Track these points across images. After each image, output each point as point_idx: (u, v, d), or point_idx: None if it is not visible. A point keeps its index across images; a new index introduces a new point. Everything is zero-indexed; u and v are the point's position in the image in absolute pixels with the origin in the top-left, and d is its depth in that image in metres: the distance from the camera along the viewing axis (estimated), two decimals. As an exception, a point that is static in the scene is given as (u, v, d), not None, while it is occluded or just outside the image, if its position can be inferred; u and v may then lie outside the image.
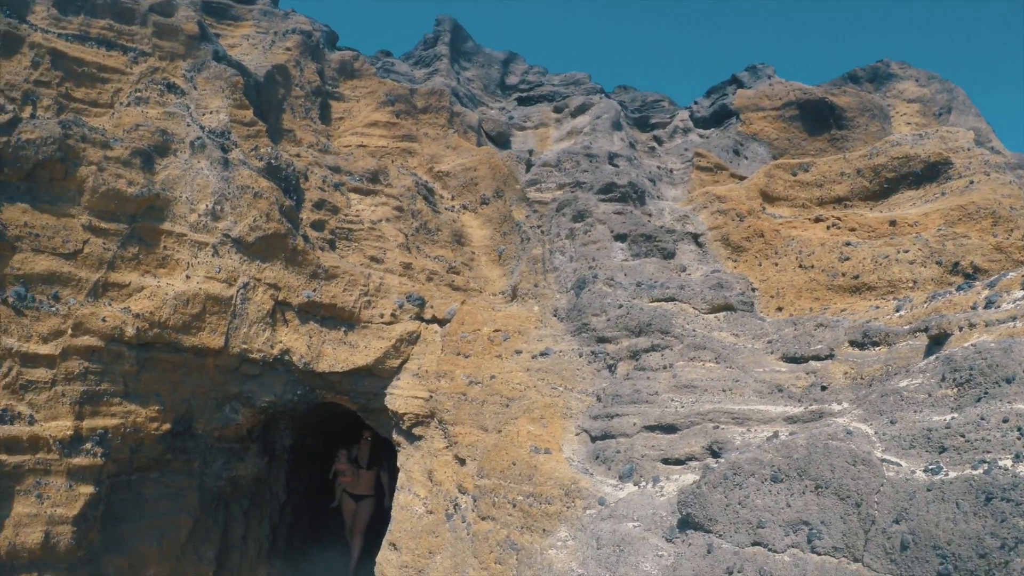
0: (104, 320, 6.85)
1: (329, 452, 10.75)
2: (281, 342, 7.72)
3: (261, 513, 9.31)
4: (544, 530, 4.90)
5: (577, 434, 5.74)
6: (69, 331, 6.73)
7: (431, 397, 7.35)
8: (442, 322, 8.13)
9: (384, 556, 7.38)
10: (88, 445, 6.72)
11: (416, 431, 7.66)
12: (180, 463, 7.66)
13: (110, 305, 7.01)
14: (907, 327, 4.96)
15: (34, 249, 6.76)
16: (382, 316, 8.07)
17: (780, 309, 7.08)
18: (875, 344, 5.20)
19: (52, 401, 6.60)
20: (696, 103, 12.62)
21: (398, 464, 7.98)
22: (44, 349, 6.63)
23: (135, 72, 8.25)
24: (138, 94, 8.10)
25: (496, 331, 7.22)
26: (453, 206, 10.03)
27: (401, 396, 7.76)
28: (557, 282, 7.57)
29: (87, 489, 6.67)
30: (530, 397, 6.20)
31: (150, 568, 7.38)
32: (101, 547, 6.95)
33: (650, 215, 8.67)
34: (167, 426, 7.35)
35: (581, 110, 12.00)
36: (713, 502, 3.64)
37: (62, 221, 6.98)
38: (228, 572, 8.53)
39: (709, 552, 3.56)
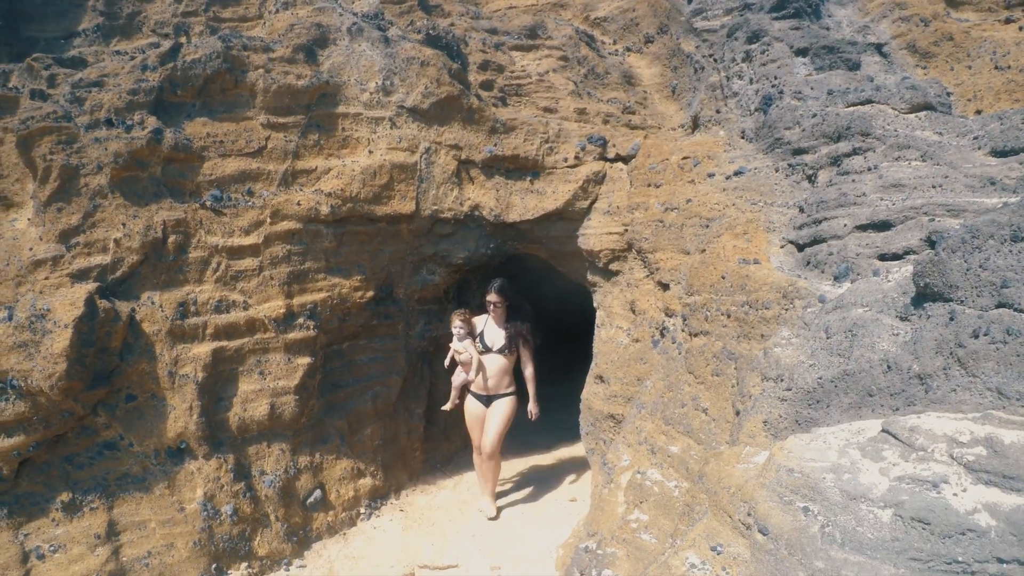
0: (299, 204, 7.29)
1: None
2: (470, 198, 7.99)
3: (461, 370, 9.85)
4: (763, 335, 4.97)
5: (782, 246, 5.72)
6: (268, 220, 7.23)
7: (626, 230, 7.45)
8: (626, 159, 8.14)
9: (591, 391, 7.71)
10: (300, 320, 7.29)
11: (613, 267, 7.82)
12: (385, 327, 8.18)
13: (301, 190, 7.45)
14: None
15: (220, 154, 7.24)
16: (565, 160, 8.17)
17: (979, 112, 6.78)
18: (1091, 131, 4.95)
19: (262, 285, 7.16)
20: (850, -86, 11.81)
21: (595, 304, 8.23)
22: (247, 240, 7.17)
23: (275, -20, 8.58)
24: (283, 0, 8.38)
25: (685, 158, 7.18)
26: (617, 50, 9.91)
27: (594, 234, 7.92)
28: (739, 106, 7.43)
29: (304, 360, 7.27)
30: (730, 215, 6.20)
31: (367, 427, 8.04)
32: (322, 412, 7.66)
33: (828, 28, 8.33)
34: (370, 293, 7.85)
35: (729, -66, 11.48)
36: (952, 268, 3.58)
37: (241, 124, 7.42)
38: (436, 427, 9.25)
39: (952, 319, 3.53)
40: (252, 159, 7.35)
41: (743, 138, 7.13)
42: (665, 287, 6.69)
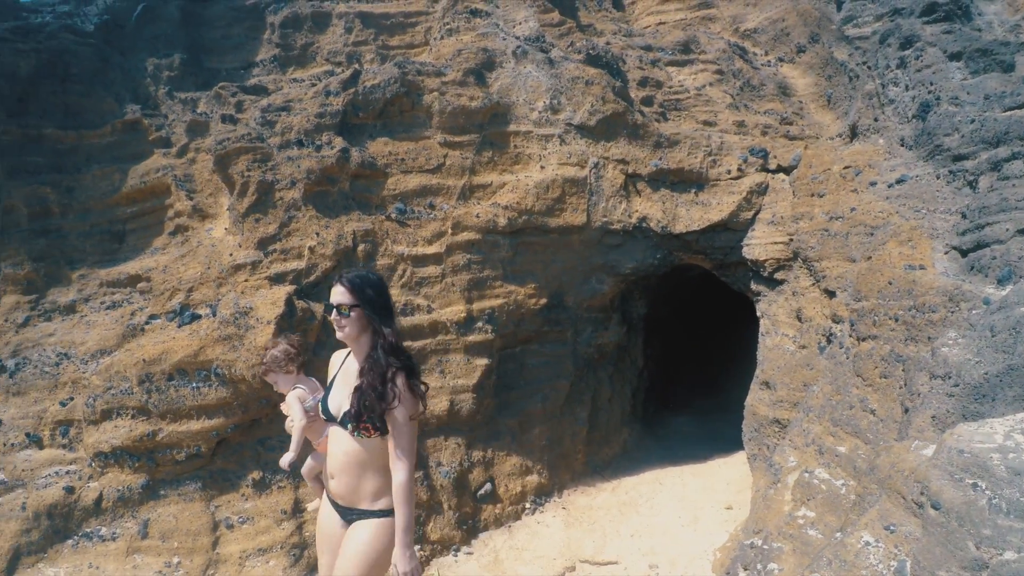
0: (478, 216, 8.15)
1: (677, 320, 10.60)
2: (637, 211, 8.67)
3: (623, 378, 10.51)
4: (929, 337, 5.43)
5: (945, 252, 6.11)
6: (449, 231, 8.11)
7: (791, 239, 7.93)
8: (787, 170, 8.63)
9: (755, 397, 8.18)
10: (479, 324, 8.11)
11: (778, 276, 8.32)
12: (555, 334, 8.90)
13: (479, 203, 8.32)
14: None
15: (402, 171, 8.18)
16: (728, 172, 8.74)
17: None
18: None
19: (444, 291, 8.03)
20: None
21: (759, 313, 8.70)
22: (430, 249, 8.07)
23: (438, 9, 9.70)
24: (447, 27, 9.34)
25: (846, 168, 7.64)
26: (769, 60, 10.38)
27: (759, 244, 8.44)
28: (896, 113, 7.75)
29: (482, 361, 8.08)
30: (894, 223, 6.64)
31: (535, 427, 8.78)
32: (495, 411, 8.44)
33: (979, 30, 8.54)
34: (543, 300, 8.61)
35: (873, -59, 11.68)
36: (1110, 269, 4.05)
37: (420, 144, 8.37)
38: (597, 432, 9.82)
39: (1108, 315, 4.00)
40: (432, 175, 8.24)
41: (902, 145, 7.48)
42: (831, 294, 7.12)
